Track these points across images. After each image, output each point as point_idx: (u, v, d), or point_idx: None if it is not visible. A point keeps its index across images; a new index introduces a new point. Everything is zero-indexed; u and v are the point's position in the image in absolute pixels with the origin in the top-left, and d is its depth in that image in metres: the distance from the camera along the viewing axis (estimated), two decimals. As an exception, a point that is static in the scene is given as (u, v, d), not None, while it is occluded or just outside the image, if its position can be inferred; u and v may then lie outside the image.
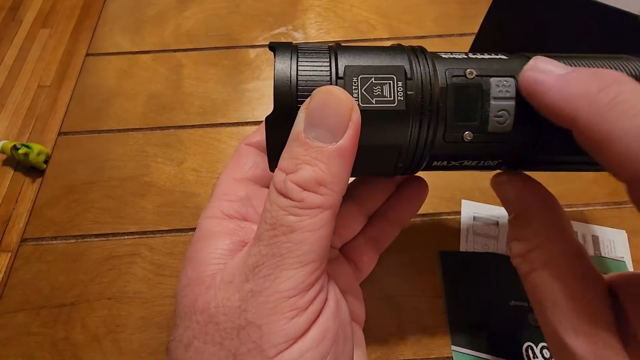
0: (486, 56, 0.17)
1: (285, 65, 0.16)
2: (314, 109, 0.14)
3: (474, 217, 0.28)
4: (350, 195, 0.21)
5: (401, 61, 0.16)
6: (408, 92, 0.16)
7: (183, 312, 0.15)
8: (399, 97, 0.16)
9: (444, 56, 0.17)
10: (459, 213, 0.28)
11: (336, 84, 0.16)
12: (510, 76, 0.16)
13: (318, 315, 0.14)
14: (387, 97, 0.16)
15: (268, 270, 0.14)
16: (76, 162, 0.31)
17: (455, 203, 0.28)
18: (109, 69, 0.36)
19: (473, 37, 0.34)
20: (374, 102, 0.16)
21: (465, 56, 0.17)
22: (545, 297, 0.15)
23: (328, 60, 0.16)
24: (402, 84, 0.16)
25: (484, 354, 0.23)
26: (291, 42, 0.17)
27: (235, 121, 0.33)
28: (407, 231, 0.27)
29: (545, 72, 0.15)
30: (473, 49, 0.34)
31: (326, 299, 0.15)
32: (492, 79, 0.16)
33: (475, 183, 0.29)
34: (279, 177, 0.14)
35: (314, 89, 0.15)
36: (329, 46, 0.17)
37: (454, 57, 0.17)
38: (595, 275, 0.15)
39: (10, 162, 1.10)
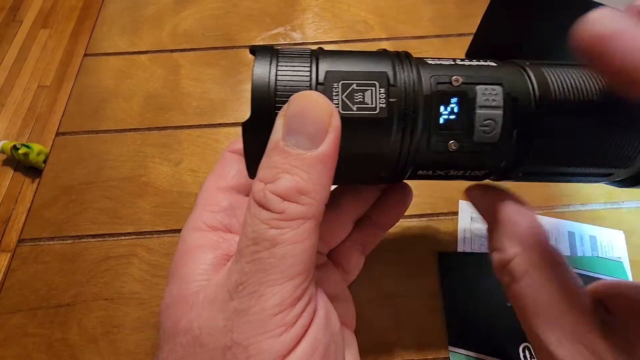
0: (474, 63, 0.17)
1: (264, 70, 0.15)
2: (291, 115, 0.14)
3: (472, 218, 0.28)
4: (336, 201, 0.21)
5: (384, 67, 0.16)
6: (390, 100, 0.15)
7: (167, 333, 0.14)
8: (380, 104, 0.15)
9: (430, 62, 0.17)
10: (456, 214, 0.28)
11: (316, 90, 0.15)
12: (498, 84, 0.16)
13: (307, 328, 0.14)
14: (368, 104, 0.15)
15: (252, 288, 0.13)
16: (74, 163, 0.31)
17: (453, 204, 0.28)
18: (107, 70, 0.36)
19: (471, 37, 0.34)
20: (355, 109, 0.15)
21: (453, 62, 0.17)
22: (527, 307, 0.15)
23: (309, 65, 0.16)
24: (385, 90, 0.15)
25: (481, 355, 0.23)
26: (273, 46, 0.16)
27: (234, 121, 0.33)
28: (405, 232, 0.27)
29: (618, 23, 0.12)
30: (471, 49, 0.34)
31: (315, 310, 0.14)
32: (478, 87, 0.16)
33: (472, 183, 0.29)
34: (258, 188, 0.14)
35: (293, 95, 0.15)
36: (311, 50, 0.16)
37: (440, 64, 0.17)
38: (576, 282, 0.15)
39: (10, 162, 1.10)
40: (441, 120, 0.16)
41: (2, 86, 1.25)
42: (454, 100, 0.16)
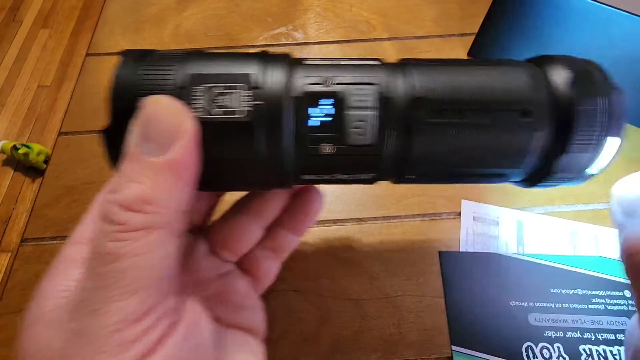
0: (356, 62, 0.16)
1: (127, 72, 0.15)
2: (142, 121, 0.13)
3: (474, 217, 0.28)
4: (242, 207, 0.20)
5: (251, 69, 0.15)
6: (255, 103, 0.15)
7: (20, 356, 0.13)
8: (244, 108, 0.15)
9: (308, 63, 0.16)
10: (459, 213, 0.28)
11: (177, 93, 0.14)
12: (371, 84, 0.15)
13: (159, 344, 0.13)
14: (232, 108, 0.15)
15: (93, 306, 0.12)
16: (76, 162, 0.31)
17: (455, 203, 0.28)
18: (109, 69, 0.36)
19: (473, 36, 0.34)
20: (218, 113, 0.15)
21: (332, 62, 0.16)
22: None
23: (174, 68, 0.15)
24: (250, 93, 0.15)
25: (483, 354, 0.23)
26: (152, 50, 0.16)
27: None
28: (408, 231, 0.27)
29: None
30: (473, 49, 0.34)
31: (176, 323, 0.14)
32: (351, 87, 0.15)
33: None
34: (105, 199, 0.13)
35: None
36: (187, 53, 0.16)
37: (318, 64, 0.16)
38: None
39: (10, 162, 1.10)
40: (313, 123, 0.15)
41: (2, 86, 1.25)
42: (326, 101, 0.15)
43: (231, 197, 0.21)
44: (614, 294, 0.25)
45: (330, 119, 0.15)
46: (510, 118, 0.16)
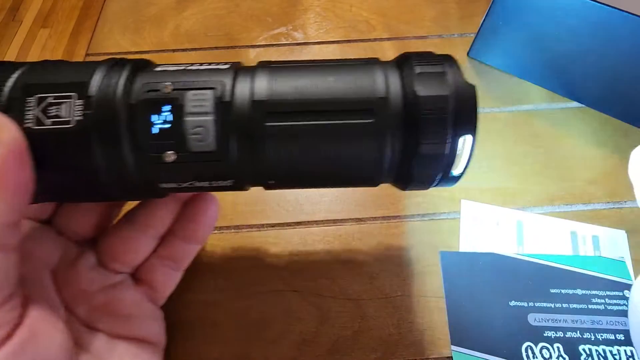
0: (204, 67, 0.16)
1: None
2: None
3: (474, 217, 0.28)
4: (130, 219, 0.21)
5: (87, 77, 0.15)
6: (86, 112, 0.14)
7: None
8: (76, 117, 0.14)
9: (156, 69, 0.16)
10: (459, 213, 0.28)
11: (7, 105, 0.14)
12: (210, 88, 0.15)
13: None
14: (63, 117, 0.14)
15: None
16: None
17: (455, 203, 0.28)
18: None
19: (473, 36, 0.34)
20: (49, 123, 0.14)
21: (183, 68, 0.16)
22: None
23: (13, 78, 0.15)
24: (83, 102, 0.15)
25: (483, 354, 0.23)
26: (2, 61, 0.16)
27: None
28: (408, 231, 0.27)
29: None
30: (473, 49, 0.34)
31: (7, 336, 0.14)
32: (188, 92, 0.15)
33: (475, 183, 0.29)
34: None
35: None
36: (35, 63, 0.16)
37: (164, 70, 0.16)
38: None
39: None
40: (154, 130, 0.15)
41: (2, 86, 1.25)
42: (165, 108, 0.15)
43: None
44: (614, 294, 0.25)
45: (169, 125, 0.15)
46: (352, 118, 0.15)
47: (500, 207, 0.28)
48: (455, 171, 0.17)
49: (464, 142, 0.16)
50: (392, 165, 0.16)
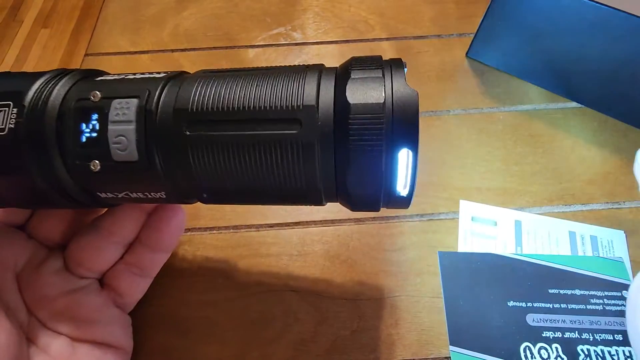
0: (140, 76, 0.16)
1: None
2: None
3: (473, 218, 0.28)
4: (94, 226, 0.21)
5: (24, 86, 0.15)
6: (18, 120, 0.15)
7: None
8: (9, 125, 0.15)
9: (97, 79, 0.16)
10: (457, 213, 0.28)
11: None
12: (134, 97, 0.15)
13: None
14: None
15: None
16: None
17: (453, 203, 0.28)
18: (108, 69, 0.35)
19: (472, 37, 0.34)
20: None
21: (122, 77, 0.16)
22: None
23: None
24: (16, 111, 0.15)
25: (482, 354, 0.23)
26: None
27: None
28: (406, 232, 0.27)
29: None
30: (472, 49, 0.34)
31: None
32: (114, 101, 0.15)
33: (473, 183, 0.29)
34: None
35: None
36: None
37: (103, 79, 0.16)
38: None
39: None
40: (77, 139, 0.15)
41: (2, 86, 1.25)
42: (94, 116, 0.15)
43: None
44: (612, 295, 0.25)
45: (95, 134, 0.15)
46: (276, 129, 0.14)
47: (499, 207, 0.28)
48: (402, 191, 0.15)
49: (406, 157, 0.14)
50: (327, 181, 0.15)
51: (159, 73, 0.16)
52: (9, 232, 0.20)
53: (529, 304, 0.25)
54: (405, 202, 0.16)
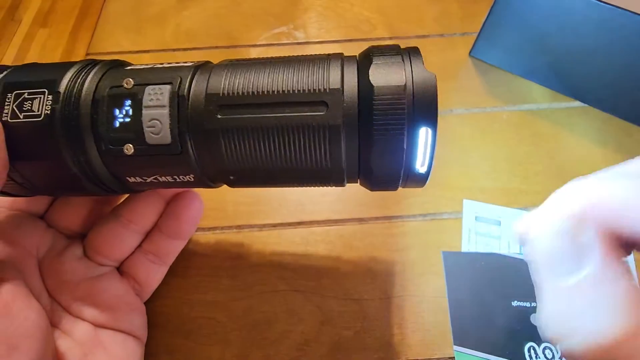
0: (168, 65, 0.17)
1: None
2: None
3: (476, 217, 0.28)
4: (114, 214, 0.21)
5: (59, 75, 0.16)
6: (54, 106, 0.15)
7: None
8: (45, 111, 0.15)
9: (126, 68, 0.17)
10: (460, 213, 0.28)
11: None
12: (167, 83, 0.16)
13: None
14: (34, 112, 0.16)
15: None
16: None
17: (457, 203, 0.28)
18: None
19: (475, 36, 0.34)
20: (22, 117, 0.15)
21: (150, 66, 0.17)
22: None
23: None
24: (52, 97, 0.16)
25: (486, 354, 0.23)
26: None
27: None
28: (409, 231, 0.27)
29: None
30: (475, 48, 0.34)
31: None
32: (147, 87, 0.16)
33: (477, 182, 0.29)
34: None
35: None
36: (24, 65, 0.17)
37: (132, 69, 0.17)
38: None
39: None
40: (112, 124, 0.15)
41: (1, 85, 1.25)
42: (127, 102, 0.15)
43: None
44: (617, 294, 0.25)
45: (129, 119, 0.15)
46: (304, 111, 0.15)
47: (503, 207, 0.28)
48: (420, 168, 0.16)
49: (425, 135, 0.15)
50: (350, 161, 0.16)
51: (185, 62, 0.17)
52: (30, 220, 0.21)
53: (533, 304, 0.24)
54: (422, 179, 0.16)
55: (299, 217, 0.28)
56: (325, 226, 0.27)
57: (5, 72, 0.17)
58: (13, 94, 0.16)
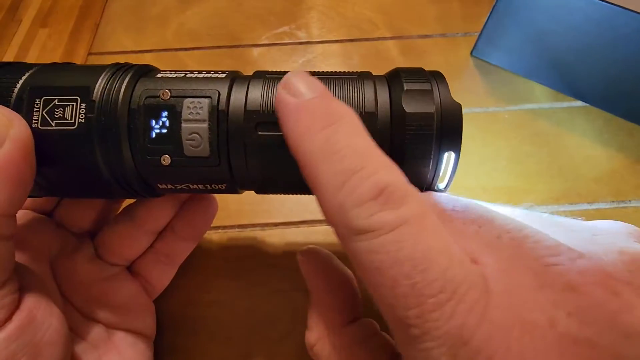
0: (203, 75, 0.17)
1: None
2: None
3: (478, 217, 0.28)
4: (128, 214, 0.21)
5: (91, 82, 0.16)
6: (89, 115, 0.15)
7: None
8: (80, 120, 0.15)
9: (157, 76, 0.17)
10: (463, 212, 0.28)
11: (16, 105, 0.15)
12: (206, 97, 0.16)
13: None
14: (67, 120, 0.15)
15: None
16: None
17: (459, 202, 0.28)
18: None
19: (476, 36, 0.34)
20: (53, 124, 0.15)
21: (182, 75, 0.17)
22: None
23: (16, 80, 0.16)
24: (86, 105, 0.15)
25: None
26: (12, 62, 0.17)
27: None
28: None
29: (293, 93, 0.14)
30: (477, 48, 0.34)
31: (2, 322, 0.15)
32: (185, 100, 0.16)
33: (479, 182, 0.29)
34: None
35: None
36: (44, 65, 0.17)
37: (164, 77, 0.17)
38: None
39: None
40: (149, 135, 0.16)
41: (1, 85, 1.24)
42: (163, 114, 0.16)
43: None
44: (619, 294, 0.25)
45: (166, 130, 0.16)
46: None
47: (504, 207, 0.28)
48: (441, 185, 0.17)
49: (449, 158, 0.16)
50: None
51: (216, 72, 0.17)
52: (40, 220, 0.20)
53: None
54: (442, 192, 0.18)
55: (302, 216, 0.28)
56: (328, 225, 0.27)
57: (27, 74, 0.16)
58: (42, 100, 0.16)
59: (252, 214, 0.28)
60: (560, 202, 0.28)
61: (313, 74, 0.17)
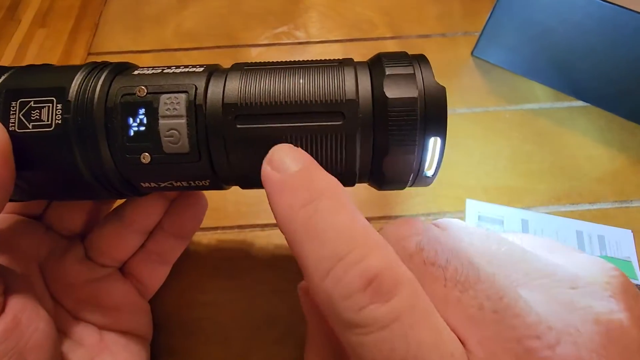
0: (180, 70, 0.17)
1: None
2: None
3: (479, 217, 0.27)
4: (116, 214, 0.21)
5: (66, 82, 0.16)
6: (65, 116, 0.15)
7: None
8: (56, 121, 0.15)
9: (134, 72, 0.17)
10: (463, 212, 0.28)
11: None
12: (182, 92, 0.15)
13: None
14: (44, 121, 0.15)
15: None
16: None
17: (459, 202, 0.28)
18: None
19: (477, 35, 0.34)
20: (30, 126, 0.15)
21: (160, 71, 0.17)
22: None
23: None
24: (62, 106, 0.15)
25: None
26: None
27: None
28: (412, 231, 0.27)
29: (277, 168, 0.14)
30: (477, 48, 0.34)
31: None
32: (162, 96, 0.15)
33: (480, 182, 0.29)
34: None
35: None
36: (20, 67, 0.17)
37: (141, 74, 0.16)
38: None
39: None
40: (126, 133, 0.15)
41: (0, 86, 1.24)
42: (141, 111, 0.15)
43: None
44: (621, 294, 0.25)
45: (143, 128, 0.15)
46: (322, 120, 0.15)
47: (506, 207, 0.28)
48: (429, 172, 0.17)
49: (434, 143, 0.16)
50: (363, 166, 0.16)
51: (194, 66, 0.17)
52: (29, 223, 0.20)
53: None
54: (430, 181, 0.17)
55: (301, 217, 0.28)
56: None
57: (3, 77, 0.16)
58: (18, 102, 0.15)
59: (250, 215, 0.28)
60: (562, 202, 0.28)
61: (294, 62, 0.17)
